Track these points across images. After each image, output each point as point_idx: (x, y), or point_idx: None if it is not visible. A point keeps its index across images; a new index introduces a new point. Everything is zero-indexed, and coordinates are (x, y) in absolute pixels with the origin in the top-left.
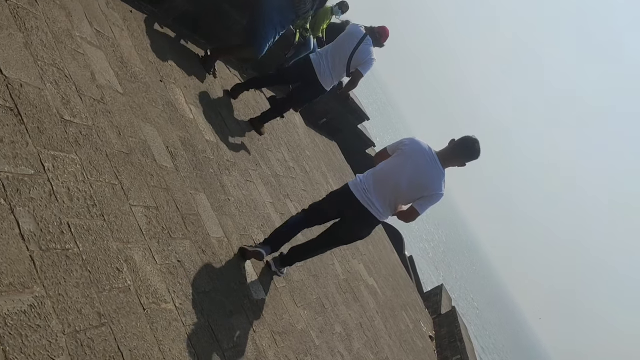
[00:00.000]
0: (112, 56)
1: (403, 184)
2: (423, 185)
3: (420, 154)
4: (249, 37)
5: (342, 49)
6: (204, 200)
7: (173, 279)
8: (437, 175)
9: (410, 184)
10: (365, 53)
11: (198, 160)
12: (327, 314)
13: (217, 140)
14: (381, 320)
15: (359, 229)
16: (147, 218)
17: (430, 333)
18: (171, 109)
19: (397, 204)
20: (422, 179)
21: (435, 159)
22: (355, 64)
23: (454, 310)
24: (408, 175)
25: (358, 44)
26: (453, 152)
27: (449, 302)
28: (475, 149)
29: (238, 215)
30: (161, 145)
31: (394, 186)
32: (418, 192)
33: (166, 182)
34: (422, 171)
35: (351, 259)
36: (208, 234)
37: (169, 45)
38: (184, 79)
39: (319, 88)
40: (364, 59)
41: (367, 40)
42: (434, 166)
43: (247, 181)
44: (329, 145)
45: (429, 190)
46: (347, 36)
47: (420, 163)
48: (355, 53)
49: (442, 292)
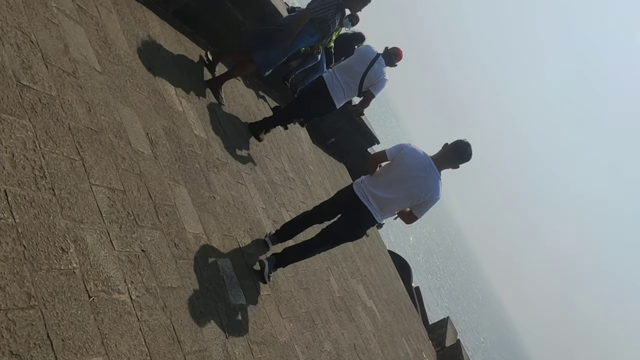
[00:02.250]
0: (93, 34)
1: (404, 191)
2: (423, 192)
3: (418, 162)
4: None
5: (355, 68)
6: (183, 194)
7: (133, 269)
8: (434, 181)
9: (410, 192)
10: (378, 73)
11: (182, 152)
12: (316, 330)
13: (207, 137)
14: (378, 344)
15: (357, 226)
16: (110, 200)
17: None
18: (158, 97)
19: (397, 207)
20: (422, 186)
21: (432, 165)
22: (368, 83)
23: (458, 343)
24: (409, 185)
25: (371, 64)
26: (447, 155)
27: (454, 335)
28: (467, 152)
29: (223, 215)
30: (139, 130)
31: (395, 193)
32: (417, 198)
33: (140, 167)
34: (421, 179)
35: (349, 277)
36: (184, 227)
37: (164, 37)
38: (176, 73)
39: (330, 102)
40: (376, 78)
41: (380, 61)
42: (430, 172)
43: (238, 183)
44: (336, 166)
45: (427, 197)
46: (359, 56)
47: (419, 172)
48: (367, 73)
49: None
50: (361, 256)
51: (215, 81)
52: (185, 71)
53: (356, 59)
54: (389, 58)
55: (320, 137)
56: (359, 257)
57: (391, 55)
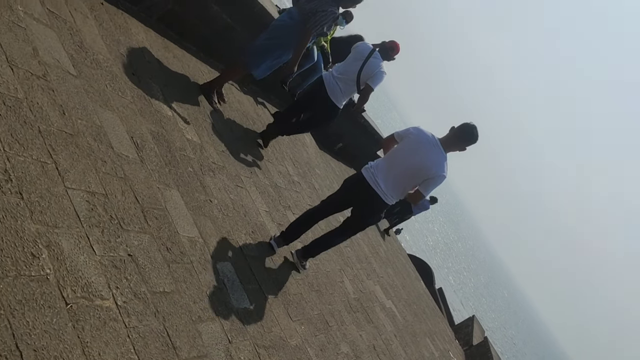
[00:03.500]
0: (67, 39)
1: (409, 168)
2: (427, 168)
3: (424, 140)
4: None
5: (351, 65)
6: (175, 197)
7: (118, 274)
8: (439, 158)
9: (415, 168)
10: (374, 66)
11: (173, 156)
12: (331, 332)
13: (201, 142)
14: (399, 345)
15: (368, 212)
16: (90, 204)
17: None
18: (143, 102)
19: (404, 187)
20: (426, 162)
21: (438, 144)
22: (365, 78)
23: (486, 341)
24: (413, 161)
25: (366, 59)
26: (454, 137)
27: (480, 333)
28: (473, 134)
29: (221, 218)
30: (123, 134)
31: (400, 171)
32: (423, 175)
33: (124, 171)
34: (426, 156)
35: (365, 279)
36: (177, 231)
37: (150, 44)
38: (164, 78)
39: (331, 105)
40: (372, 72)
41: (376, 54)
42: (436, 151)
43: (238, 186)
44: (345, 171)
45: (432, 173)
46: (355, 53)
47: (424, 148)
48: (363, 67)
49: (474, 322)
50: (377, 258)
51: (207, 86)
52: (174, 77)
53: (352, 56)
54: (386, 52)
55: (327, 143)
56: (375, 259)
57: (387, 49)
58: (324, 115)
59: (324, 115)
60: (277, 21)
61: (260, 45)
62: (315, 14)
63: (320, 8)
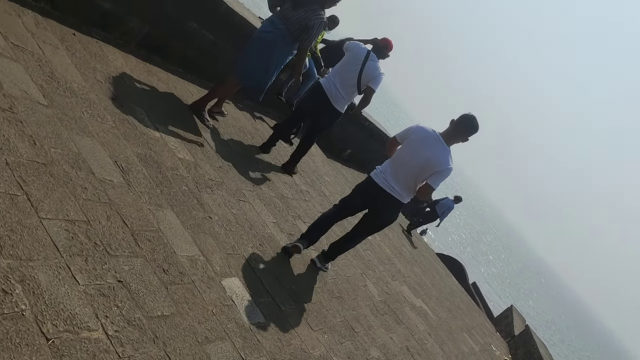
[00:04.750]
0: (35, 70)
1: (416, 166)
2: (433, 163)
3: (426, 137)
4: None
5: (349, 69)
6: (170, 217)
7: (106, 302)
8: (443, 153)
9: (422, 165)
10: (373, 69)
11: (165, 177)
12: (358, 338)
13: (194, 160)
14: (435, 343)
15: (385, 212)
16: (70, 233)
17: (506, 357)
18: (127, 125)
19: (415, 184)
20: (432, 158)
21: (440, 139)
22: (365, 81)
23: (527, 329)
24: (419, 158)
25: (364, 62)
26: (455, 129)
27: (521, 323)
28: (474, 124)
29: (224, 234)
30: (105, 159)
31: (408, 169)
32: (430, 170)
33: (108, 195)
34: (431, 152)
35: (390, 280)
36: (173, 251)
37: (130, 69)
38: (149, 101)
39: (333, 112)
40: (372, 75)
41: (372, 57)
42: (440, 146)
43: (240, 200)
44: (358, 177)
45: (438, 166)
46: (351, 57)
47: (427, 145)
48: (363, 71)
49: (513, 312)
50: (401, 259)
51: (197, 105)
52: (160, 99)
53: (348, 60)
54: (380, 51)
55: (335, 151)
56: (399, 260)
57: (381, 48)
58: (327, 122)
59: (327, 122)
60: (261, 33)
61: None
62: (307, 30)
63: (310, 20)
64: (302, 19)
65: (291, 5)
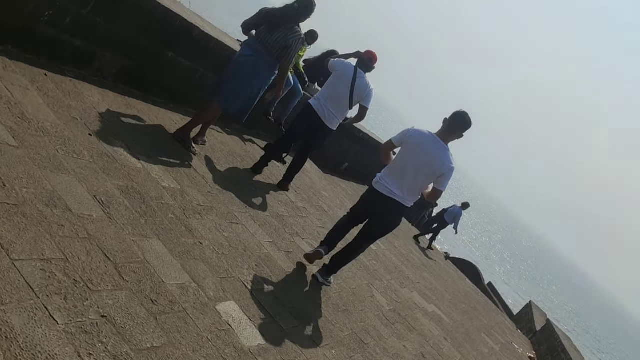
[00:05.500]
0: (4, 112)
1: (418, 169)
2: (436, 166)
3: (424, 140)
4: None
5: (339, 89)
6: (156, 247)
7: (89, 339)
8: (444, 153)
9: (425, 168)
10: (363, 87)
11: (149, 207)
12: (368, 350)
13: (181, 187)
14: (452, 346)
15: (389, 217)
16: (46, 272)
17: (530, 354)
18: (106, 160)
19: (418, 187)
20: (433, 160)
21: (437, 140)
22: (357, 99)
23: (549, 324)
24: (420, 161)
25: (353, 80)
26: (449, 128)
27: (542, 317)
28: (466, 120)
29: (216, 259)
30: (83, 195)
31: (410, 173)
32: (435, 173)
33: (88, 231)
34: (432, 154)
35: (399, 288)
36: (162, 281)
37: (108, 104)
38: (129, 133)
39: (327, 131)
40: (364, 92)
41: (360, 73)
42: (439, 146)
43: (232, 223)
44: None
45: (442, 169)
46: (339, 76)
47: (427, 148)
48: (354, 90)
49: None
50: (409, 265)
51: (181, 132)
52: (141, 131)
53: (336, 80)
54: (366, 65)
55: (332, 166)
56: (407, 267)
57: (367, 61)
58: (320, 141)
59: (320, 141)
60: (241, 57)
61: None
62: (287, 49)
63: (288, 40)
64: (280, 39)
65: (267, 28)
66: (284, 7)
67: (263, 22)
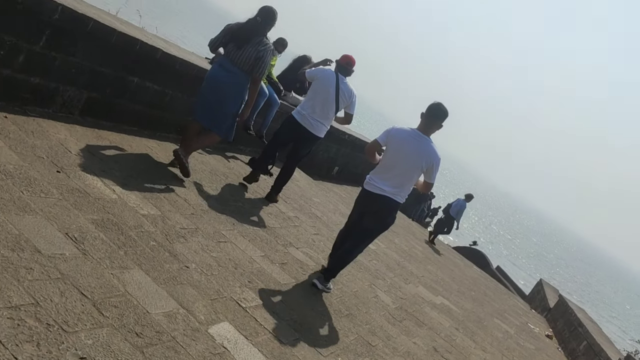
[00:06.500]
0: None
1: (407, 166)
2: (423, 160)
3: (407, 137)
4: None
5: (324, 96)
6: (138, 277)
7: None
8: (428, 146)
9: (413, 163)
10: (348, 93)
11: (128, 237)
12: (377, 352)
13: (161, 212)
14: (465, 336)
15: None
16: (14, 320)
17: (547, 332)
18: (77, 195)
19: (410, 182)
20: (419, 155)
21: (419, 134)
22: (343, 105)
23: (562, 299)
24: (407, 157)
25: (337, 87)
26: (427, 121)
27: (554, 294)
28: (441, 110)
29: (205, 281)
30: (53, 233)
31: (400, 170)
32: (422, 166)
33: (60, 270)
34: (417, 149)
35: (403, 284)
36: (146, 311)
37: (76, 139)
38: (101, 165)
39: (314, 138)
40: (349, 99)
41: (341, 79)
42: (422, 140)
43: (220, 242)
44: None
45: (428, 161)
46: (321, 85)
47: (411, 144)
48: (339, 96)
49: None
50: (412, 260)
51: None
52: (114, 161)
53: (319, 89)
54: (345, 69)
55: (322, 172)
56: (410, 262)
57: (344, 65)
58: (307, 148)
59: (307, 148)
60: (215, 81)
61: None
62: (258, 61)
63: (260, 53)
64: (251, 54)
65: (235, 45)
66: (247, 21)
67: (230, 39)
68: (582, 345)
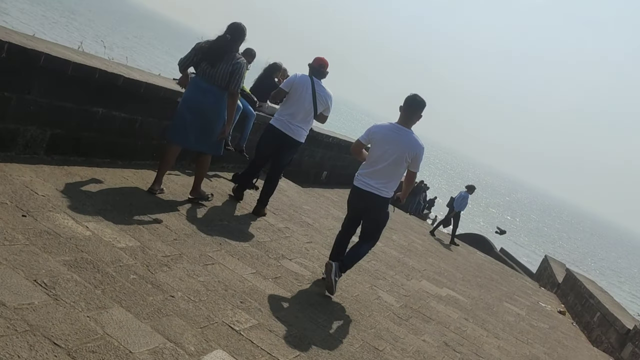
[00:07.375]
0: None
1: (391, 159)
2: (406, 152)
3: (387, 132)
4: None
5: (301, 101)
6: (118, 315)
7: None
8: (409, 138)
9: (396, 157)
10: (324, 96)
11: (105, 274)
12: (385, 356)
13: (140, 243)
14: (476, 325)
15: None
16: None
17: (559, 308)
18: (46, 237)
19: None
20: (402, 148)
21: (399, 127)
22: (321, 108)
23: (569, 273)
24: (391, 152)
25: (313, 91)
26: (406, 113)
27: (561, 268)
28: (417, 100)
29: (193, 308)
30: (20, 282)
31: (385, 165)
32: (406, 158)
33: (28, 322)
34: (399, 143)
35: (405, 281)
36: (129, 352)
37: (43, 179)
38: (72, 202)
39: (295, 144)
40: (326, 103)
41: (316, 82)
42: (402, 133)
43: (206, 265)
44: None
45: (411, 151)
46: (298, 91)
47: (393, 138)
48: (316, 100)
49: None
50: (412, 255)
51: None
52: (87, 196)
53: (297, 95)
54: (319, 72)
55: (311, 179)
56: (410, 257)
57: (318, 68)
58: (289, 155)
59: (289, 155)
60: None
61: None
62: (232, 75)
63: (233, 67)
64: (225, 71)
65: (209, 64)
66: (217, 39)
67: (202, 58)
68: (596, 317)
